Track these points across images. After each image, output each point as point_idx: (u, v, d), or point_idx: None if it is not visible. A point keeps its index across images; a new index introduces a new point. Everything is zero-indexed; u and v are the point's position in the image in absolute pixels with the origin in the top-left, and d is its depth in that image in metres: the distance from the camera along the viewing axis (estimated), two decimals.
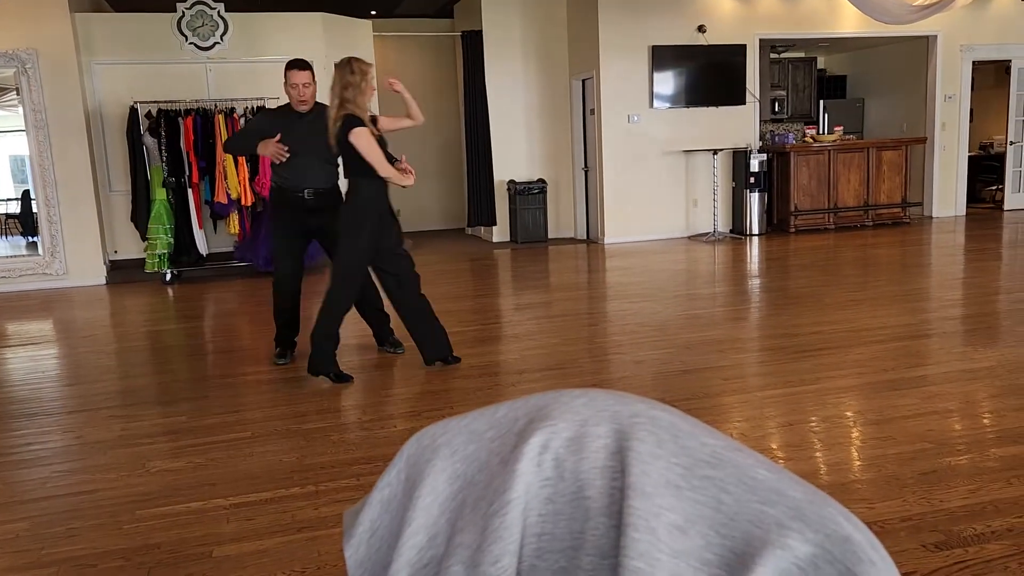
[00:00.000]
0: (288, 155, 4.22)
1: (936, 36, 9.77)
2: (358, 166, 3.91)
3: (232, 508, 2.67)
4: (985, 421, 3.22)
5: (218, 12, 7.95)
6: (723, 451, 1.08)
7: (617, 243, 9.11)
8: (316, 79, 4.36)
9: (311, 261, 7.92)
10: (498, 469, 1.09)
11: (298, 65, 4.24)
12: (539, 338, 4.84)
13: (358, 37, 8.91)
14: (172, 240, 7.61)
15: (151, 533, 2.51)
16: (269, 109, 4.60)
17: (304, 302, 4.64)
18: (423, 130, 4.20)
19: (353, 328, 5.53)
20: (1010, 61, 10.18)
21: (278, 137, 4.20)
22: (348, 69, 3.88)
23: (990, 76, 11.52)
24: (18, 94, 7.49)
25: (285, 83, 4.24)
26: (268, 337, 4.77)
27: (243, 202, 7.58)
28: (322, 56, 8.21)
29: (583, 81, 9.51)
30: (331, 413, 3.63)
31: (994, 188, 11.23)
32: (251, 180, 7.59)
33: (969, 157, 10.49)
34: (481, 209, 9.67)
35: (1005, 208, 10.60)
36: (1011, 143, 10.44)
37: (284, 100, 4.39)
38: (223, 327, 6.04)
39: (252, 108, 7.69)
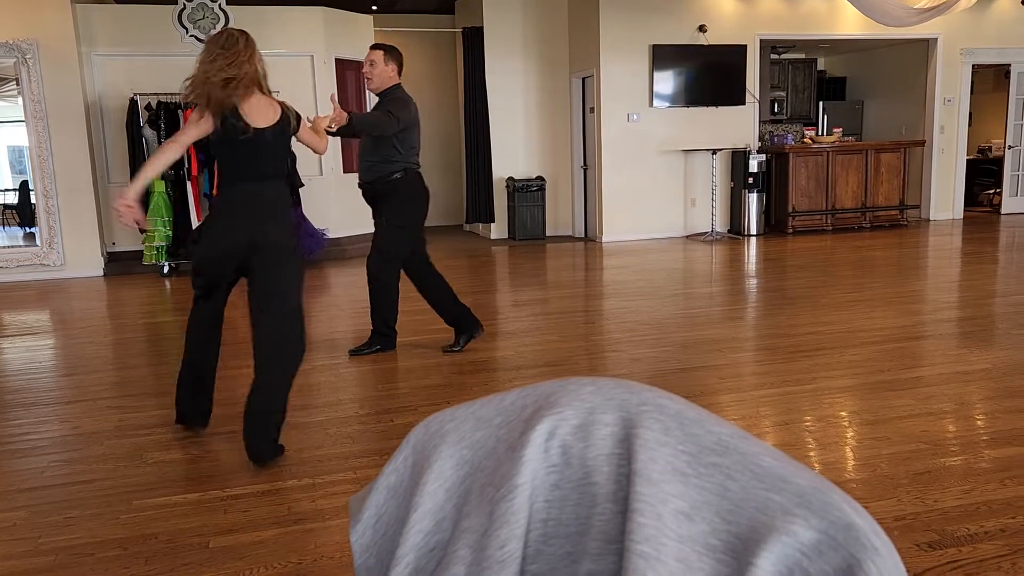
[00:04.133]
0: None
1: (936, 39, 9.79)
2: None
3: (229, 499, 2.67)
4: (979, 423, 3.24)
5: (219, 5, 7.95)
6: (729, 439, 1.09)
7: (615, 241, 9.13)
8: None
9: (309, 254, 7.99)
10: (505, 455, 1.10)
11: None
12: (536, 335, 4.85)
13: (359, 32, 8.91)
14: (170, 233, 7.60)
15: (148, 523, 2.52)
16: None
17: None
18: (422, 126, 4.14)
19: (351, 323, 5.54)
20: (1010, 65, 10.21)
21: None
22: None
23: (989, 80, 11.55)
24: (17, 84, 7.48)
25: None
26: None
27: None
28: (323, 50, 8.21)
29: (583, 79, 9.52)
30: (328, 407, 3.63)
31: (992, 192, 11.27)
32: None
33: (967, 160, 10.52)
34: (479, 205, 9.69)
35: (1002, 212, 10.63)
36: (1009, 147, 10.47)
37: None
38: None
39: None
